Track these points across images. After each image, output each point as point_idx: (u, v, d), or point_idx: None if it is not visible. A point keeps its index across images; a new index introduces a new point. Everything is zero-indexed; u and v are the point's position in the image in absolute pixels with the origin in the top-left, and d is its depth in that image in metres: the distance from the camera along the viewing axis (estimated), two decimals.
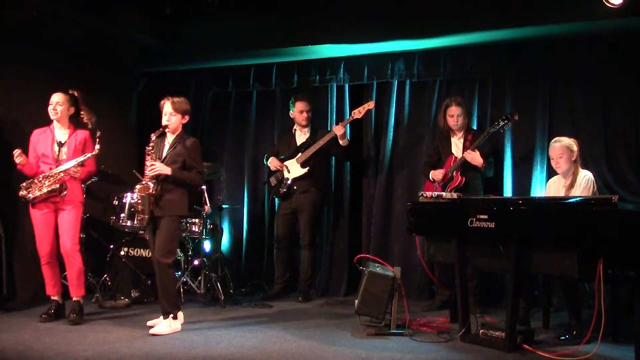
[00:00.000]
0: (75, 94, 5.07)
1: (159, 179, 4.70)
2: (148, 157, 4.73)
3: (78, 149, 5.06)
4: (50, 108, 5.03)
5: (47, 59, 6.03)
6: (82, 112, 5.09)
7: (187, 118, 4.87)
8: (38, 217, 4.98)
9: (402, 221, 6.06)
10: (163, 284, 4.66)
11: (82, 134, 5.13)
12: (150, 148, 4.74)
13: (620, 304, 4.43)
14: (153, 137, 4.77)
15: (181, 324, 4.73)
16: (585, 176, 4.69)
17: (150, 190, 4.65)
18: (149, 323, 4.77)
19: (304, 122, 6.21)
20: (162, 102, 4.85)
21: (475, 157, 5.32)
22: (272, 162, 6.23)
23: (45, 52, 6.02)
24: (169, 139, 4.85)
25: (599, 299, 3.58)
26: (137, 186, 4.73)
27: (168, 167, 4.69)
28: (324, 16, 5.91)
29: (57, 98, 5.05)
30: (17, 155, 4.83)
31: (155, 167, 4.67)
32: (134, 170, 6.00)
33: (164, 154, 4.79)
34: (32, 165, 4.96)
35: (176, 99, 4.82)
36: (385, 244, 6.32)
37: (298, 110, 6.17)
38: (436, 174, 5.53)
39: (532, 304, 4.86)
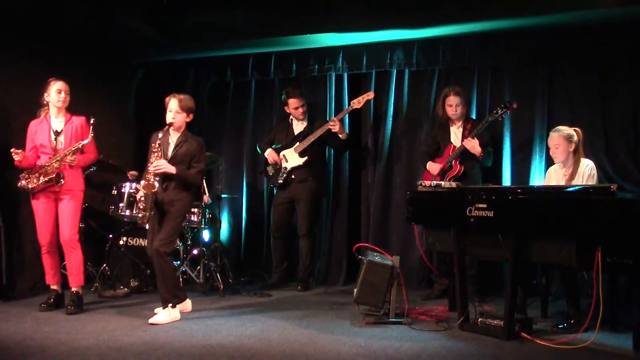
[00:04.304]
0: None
1: (165, 178, 4.72)
2: (154, 155, 4.70)
3: (76, 136, 5.03)
4: (61, 96, 4.99)
5: (45, 50, 6.00)
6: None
7: (191, 116, 4.88)
8: (39, 206, 4.98)
9: (401, 210, 6.07)
10: (162, 272, 4.66)
11: (79, 120, 5.11)
12: (157, 146, 4.72)
13: (619, 292, 4.44)
14: (160, 135, 4.74)
15: (188, 312, 4.78)
16: (587, 165, 4.66)
17: (155, 189, 4.64)
18: (156, 310, 4.75)
19: (300, 117, 6.20)
20: (167, 98, 4.83)
21: (474, 146, 5.32)
22: (270, 156, 6.22)
23: (43, 42, 5.99)
24: (173, 137, 4.85)
25: (597, 287, 3.59)
26: (142, 182, 4.71)
27: (173, 166, 4.70)
28: (322, 5, 5.88)
29: (66, 87, 5.03)
30: (15, 154, 4.82)
31: (161, 165, 4.66)
32: (128, 173, 6.00)
33: (170, 153, 4.79)
34: (29, 159, 4.94)
35: (182, 97, 4.80)
36: (384, 233, 6.32)
37: (292, 107, 6.15)
38: (433, 168, 5.53)
39: (530, 292, 4.87)
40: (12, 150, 4.82)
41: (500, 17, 5.47)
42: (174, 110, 4.77)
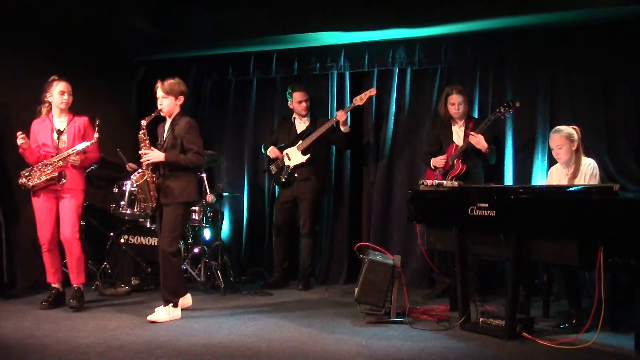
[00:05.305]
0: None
1: (160, 165, 4.70)
2: (141, 145, 4.71)
3: (78, 136, 5.04)
4: (64, 98, 4.99)
5: (45, 48, 5.98)
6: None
7: (181, 99, 4.80)
8: (39, 204, 4.98)
9: (402, 209, 6.06)
10: (165, 271, 4.66)
11: (81, 120, 5.12)
12: (142, 135, 4.71)
13: (620, 292, 4.43)
14: (143, 123, 4.73)
15: (189, 307, 4.82)
16: (590, 164, 4.64)
17: (146, 177, 4.64)
18: (157, 309, 4.73)
19: (303, 112, 6.19)
20: (155, 87, 4.80)
21: (480, 141, 5.28)
22: (272, 152, 6.21)
23: (43, 40, 5.97)
24: (168, 123, 4.84)
25: (599, 287, 3.58)
26: (133, 177, 4.72)
27: (162, 152, 4.67)
28: (324, 3, 5.87)
29: (69, 88, 5.02)
30: (20, 138, 4.82)
31: (148, 156, 4.65)
32: (118, 150, 5.99)
33: (164, 139, 4.78)
34: (33, 152, 4.95)
35: (166, 82, 4.74)
36: (385, 232, 6.31)
37: (296, 101, 6.15)
38: (438, 161, 5.52)
39: (532, 292, 4.86)
40: (17, 133, 4.82)
41: (502, 16, 5.45)
42: (161, 96, 4.74)
